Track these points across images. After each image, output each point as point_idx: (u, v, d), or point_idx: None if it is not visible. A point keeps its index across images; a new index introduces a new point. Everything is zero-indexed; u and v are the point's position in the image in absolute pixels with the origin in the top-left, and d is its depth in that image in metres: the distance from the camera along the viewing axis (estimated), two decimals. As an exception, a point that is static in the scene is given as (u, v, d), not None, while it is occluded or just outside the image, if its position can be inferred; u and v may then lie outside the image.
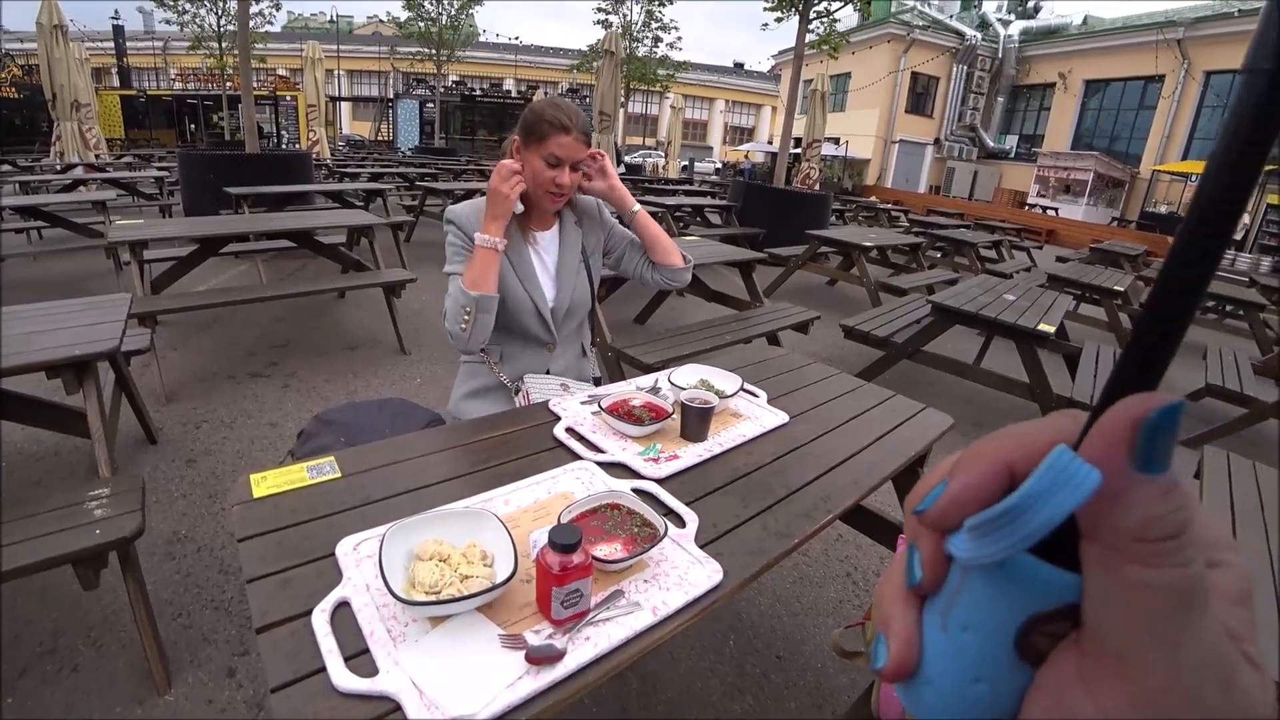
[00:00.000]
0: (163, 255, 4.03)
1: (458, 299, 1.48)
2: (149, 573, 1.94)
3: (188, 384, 3.29)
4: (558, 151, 1.51)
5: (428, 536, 0.92)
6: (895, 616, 0.22)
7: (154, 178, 8.01)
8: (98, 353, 1.95)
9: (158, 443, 2.71)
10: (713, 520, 1.10)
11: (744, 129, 43.23)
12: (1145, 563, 0.17)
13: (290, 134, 22.65)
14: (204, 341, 3.89)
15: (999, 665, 0.20)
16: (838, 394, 1.75)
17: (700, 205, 8.20)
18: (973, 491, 0.20)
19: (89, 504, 1.58)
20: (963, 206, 18.22)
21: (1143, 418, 0.17)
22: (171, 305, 3.28)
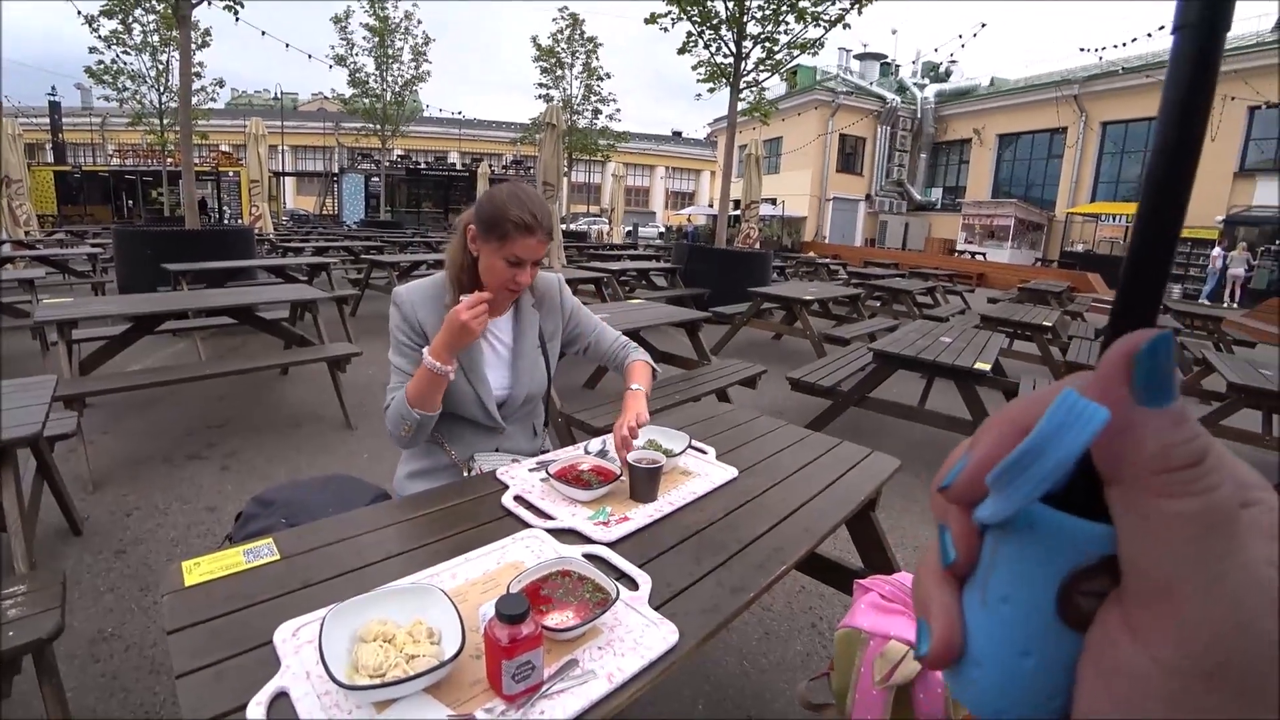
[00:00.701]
0: (94, 334, 3.87)
1: (400, 409, 1.42)
2: (70, 678, 1.79)
3: (118, 469, 3.12)
4: (521, 253, 1.44)
5: (371, 617, 0.89)
6: (934, 599, 0.21)
7: (87, 254, 7.76)
8: (17, 439, 1.85)
9: (83, 533, 2.54)
10: (666, 580, 1.09)
11: (684, 193, 44.77)
12: (1170, 494, 0.17)
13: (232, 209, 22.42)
14: (137, 423, 3.71)
15: (1045, 634, 0.19)
16: (786, 445, 1.79)
17: (645, 269, 8.40)
18: (992, 457, 0.20)
19: (2, 604, 1.47)
20: (897, 257, 19.14)
21: (1135, 351, 0.18)
22: (101, 386, 3.14)
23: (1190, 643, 0.16)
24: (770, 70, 9.90)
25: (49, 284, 6.73)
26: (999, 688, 0.20)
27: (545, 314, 1.68)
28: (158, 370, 3.87)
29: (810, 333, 5.87)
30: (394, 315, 1.53)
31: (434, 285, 1.56)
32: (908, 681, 1.00)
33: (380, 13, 20.36)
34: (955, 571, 0.21)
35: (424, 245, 11.31)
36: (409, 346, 1.52)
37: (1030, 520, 0.19)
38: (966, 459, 0.21)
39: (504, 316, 1.64)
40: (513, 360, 1.61)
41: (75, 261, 7.81)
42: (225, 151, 24.19)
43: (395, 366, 1.54)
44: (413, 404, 1.41)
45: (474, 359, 1.54)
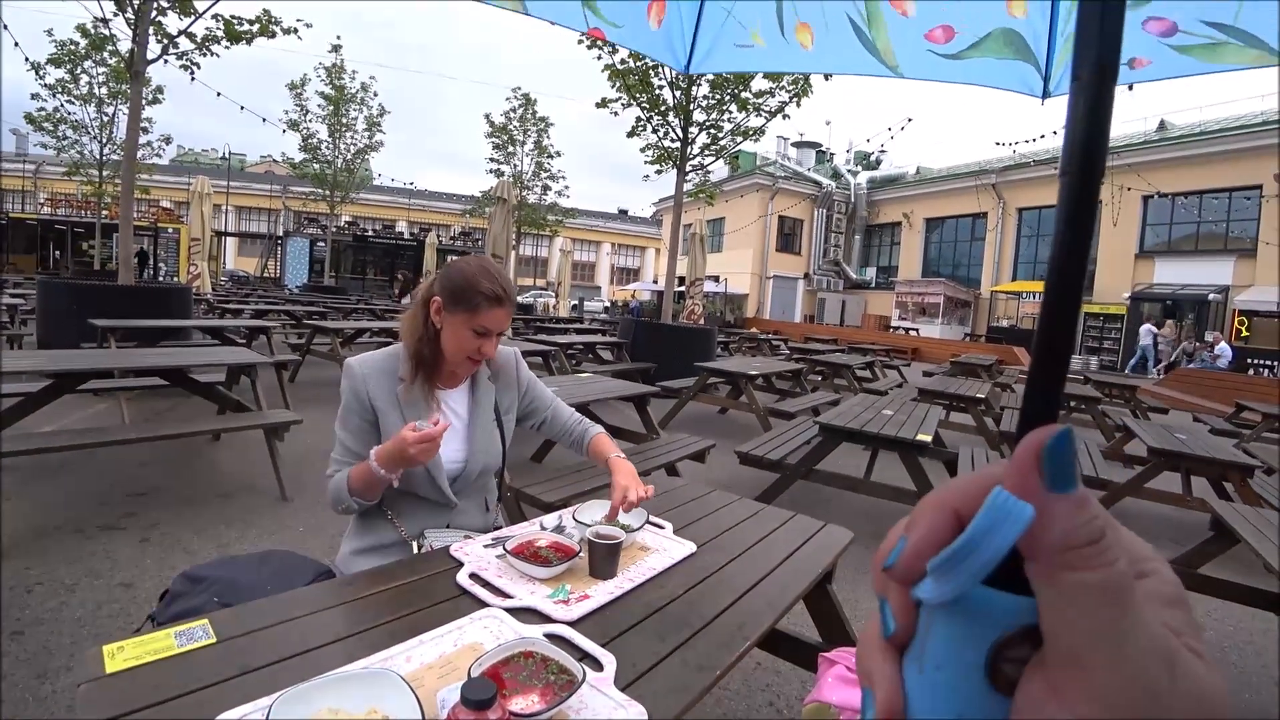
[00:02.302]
0: (8, 391, 3.60)
1: (340, 491, 1.44)
2: (-55, 785, 1.59)
3: (21, 539, 2.85)
4: (490, 324, 1.46)
5: (321, 705, 0.83)
6: (877, 667, 0.23)
7: (6, 305, 7.33)
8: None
9: (-26, 613, 2.30)
10: (631, 660, 1.06)
11: (630, 269, 45.96)
12: (1075, 567, 0.19)
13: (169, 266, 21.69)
14: (45, 489, 3.43)
15: (976, 699, 0.21)
16: (741, 519, 1.80)
17: (592, 343, 8.48)
18: (928, 540, 0.22)
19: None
20: (836, 333, 19.90)
21: (1042, 446, 0.20)
22: (13, 448, 2.90)
23: (1103, 698, 0.18)
24: (715, 154, 10.45)
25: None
26: None
27: (501, 387, 1.67)
28: (78, 432, 3.61)
29: (756, 407, 5.97)
30: (346, 386, 1.51)
31: (387, 358, 1.54)
32: None
33: (337, 82, 20.65)
34: (895, 642, 0.23)
35: (368, 313, 11.16)
36: (356, 420, 1.49)
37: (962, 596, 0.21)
38: (904, 541, 0.23)
39: (460, 389, 1.62)
40: (467, 433, 1.59)
41: (-10, 312, 7.37)
42: (166, 208, 23.62)
43: (339, 439, 1.50)
44: (353, 493, 1.42)
45: None
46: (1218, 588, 2.73)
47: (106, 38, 10.79)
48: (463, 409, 1.60)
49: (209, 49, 7.74)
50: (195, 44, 7.62)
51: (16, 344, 6.93)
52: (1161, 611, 0.20)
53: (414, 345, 1.50)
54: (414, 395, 1.49)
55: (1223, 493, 4.29)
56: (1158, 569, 0.21)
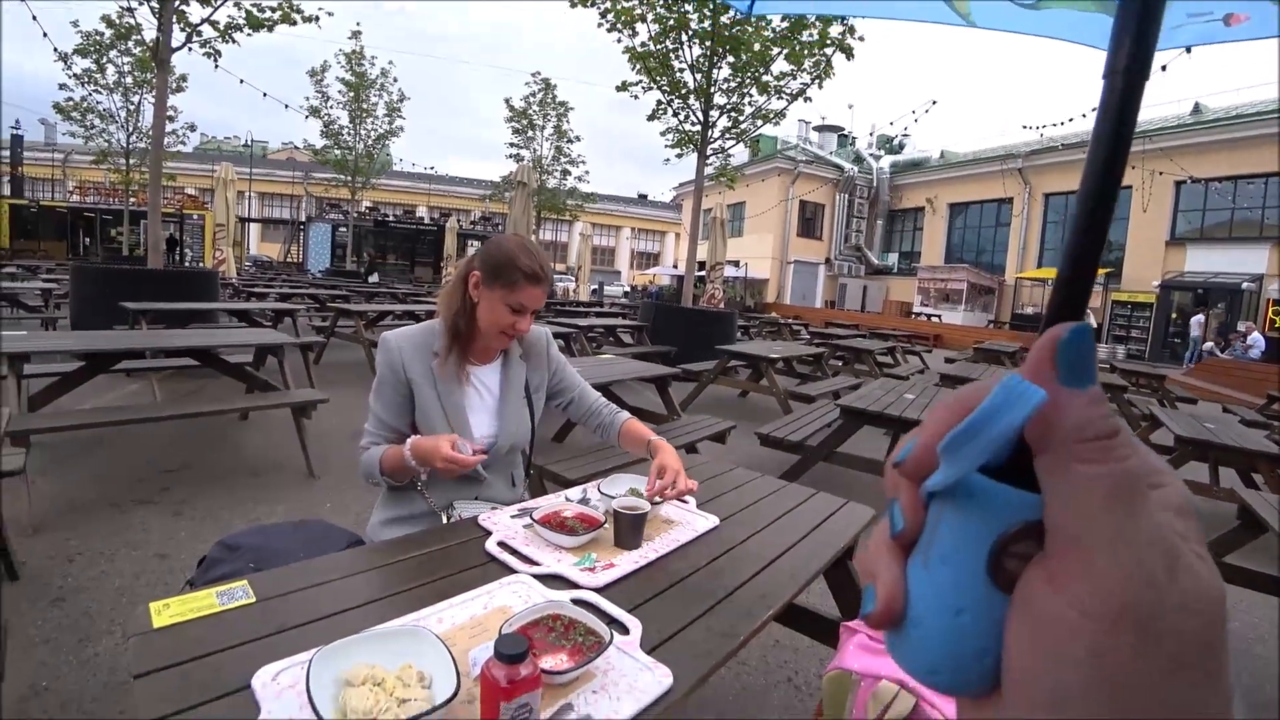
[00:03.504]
0: (44, 371, 3.72)
1: (372, 468, 1.48)
2: (-3, 740, 1.66)
3: (61, 512, 2.95)
4: (527, 302, 1.48)
5: (358, 660, 0.86)
6: (881, 564, 0.23)
7: (40, 289, 7.51)
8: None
9: (19, 579, 2.38)
10: (656, 626, 1.08)
11: (650, 254, 45.73)
12: (1088, 459, 0.19)
13: (195, 252, 22.03)
14: (83, 465, 3.54)
15: (977, 594, 0.21)
16: (763, 495, 1.81)
17: (613, 325, 8.48)
18: (940, 435, 0.22)
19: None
20: (857, 318, 19.75)
21: (1059, 339, 0.21)
22: (52, 424, 3.00)
23: (1099, 588, 0.18)
24: (735, 138, 10.36)
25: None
26: (935, 645, 0.22)
27: (532, 366, 1.69)
28: (112, 410, 3.70)
29: (777, 390, 5.96)
30: (381, 361, 1.53)
31: (423, 333, 1.56)
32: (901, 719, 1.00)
33: (357, 69, 20.74)
34: (901, 541, 0.23)
35: (389, 296, 11.27)
36: (390, 393, 1.51)
37: (970, 489, 0.21)
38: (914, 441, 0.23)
39: (492, 365, 1.64)
40: (498, 409, 1.61)
41: (27, 296, 7.56)
42: (191, 195, 23.97)
43: (373, 411, 1.52)
44: (385, 472, 1.46)
45: (457, 405, 1.53)
46: (1244, 577, 2.69)
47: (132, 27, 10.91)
48: (494, 385, 1.63)
49: (231, 36, 7.81)
50: (218, 32, 7.69)
51: (51, 326, 7.10)
52: (1169, 516, 0.20)
53: (450, 318, 1.53)
54: (448, 370, 1.52)
55: (1250, 483, 4.21)
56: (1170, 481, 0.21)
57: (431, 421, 1.50)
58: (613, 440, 1.77)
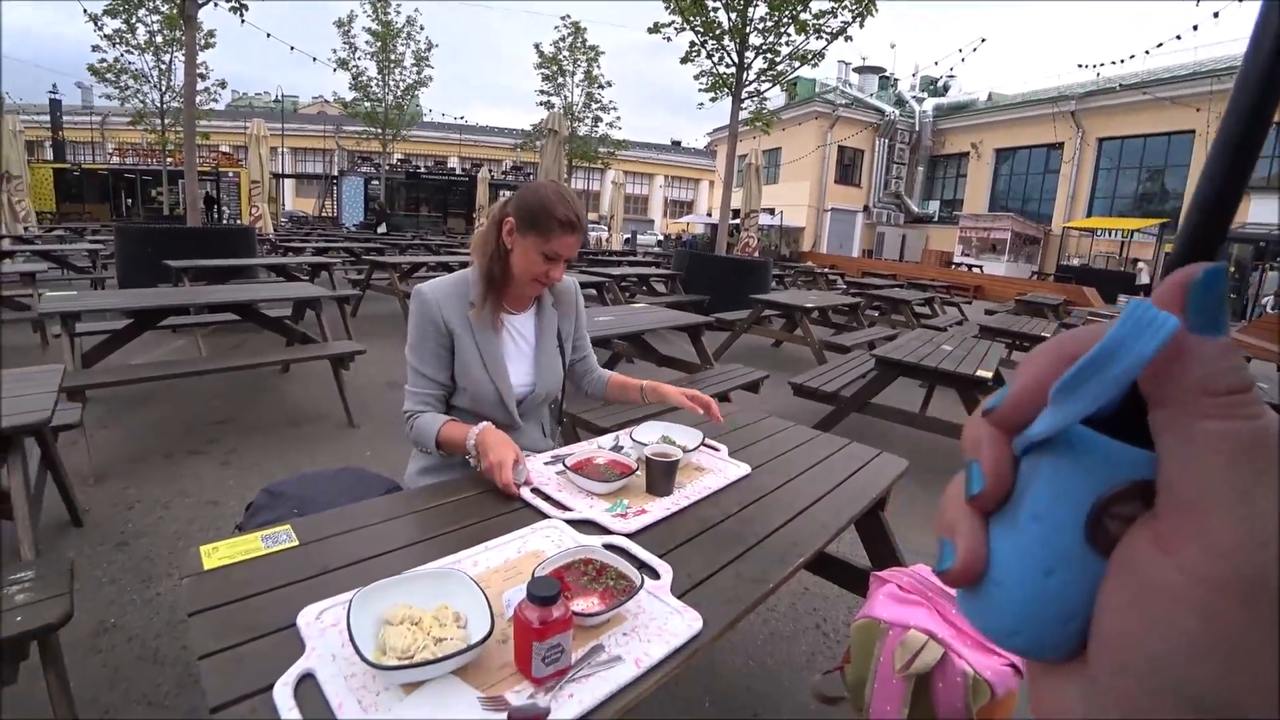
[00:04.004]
0: (95, 329, 3.86)
1: (425, 438, 1.44)
2: (71, 669, 1.75)
3: (119, 463, 3.10)
4: (561, 250, 1.45)
5: (396, 600, 0.88)
6: (961, 519, 0.22)
7: (87, 250, 7.74)
8: (25, 425, 1.84)
9: (84, 525, 2.53)
10: (686, 571, 1.09)
11: (683, 202, 44.92)
12: (1214, 415, 0.17)
13: (231, 210, 22.37)
14: (138, 418, 3.69)
15: (1071, 554, 0.19)
16: (796, 444, 1.79)
17: (646, 274, 8.41)
18: (1041, 381, 0.20)
19: (9, 588, 1.46)
20: (894, 268, 19.21)
21: (1191, 279, 0.18)
22: (104, 379, 3.12)
23: (1214, 551, 0.17)
24: (771, 81, 9.97)
25: (49, 279, 6.70)
26: (1017, 606, 0.20)
27: (563, 314, 1.69)
28: (160, 364, 3.84)
29: (811, 340, 5.88)
30: (417, 313, 1.50)
31: (457, 283, 1.55)
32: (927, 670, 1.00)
33: (383, 17, 20.44)
34: (979, 504, 0.21)
35: (424, 248, 11.34)
36: (431, 346, 1.50)
37: (1072, 441, 0.19)
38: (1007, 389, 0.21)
39: (527, 313, 1.64)
40: (535, 357, 1.62)
41: (75, 257, 7.79)
42: (225, 152, 24.18)
43: (413, 368, 1.51)
44: (441, 446, 1.43)
45: (495, 354, 1.53)
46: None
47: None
48: (530, 333, 1.63)
49: (257, -12, 7.73)
50: (244, -17, 7.62)
51: (100, 286, 7.34)
52: None
53: (485, 264, 1.52)
54: (485, 319, 1.51)
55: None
56: None
57: (471, 372, 1.50)
58: (601, 394, 1.80)
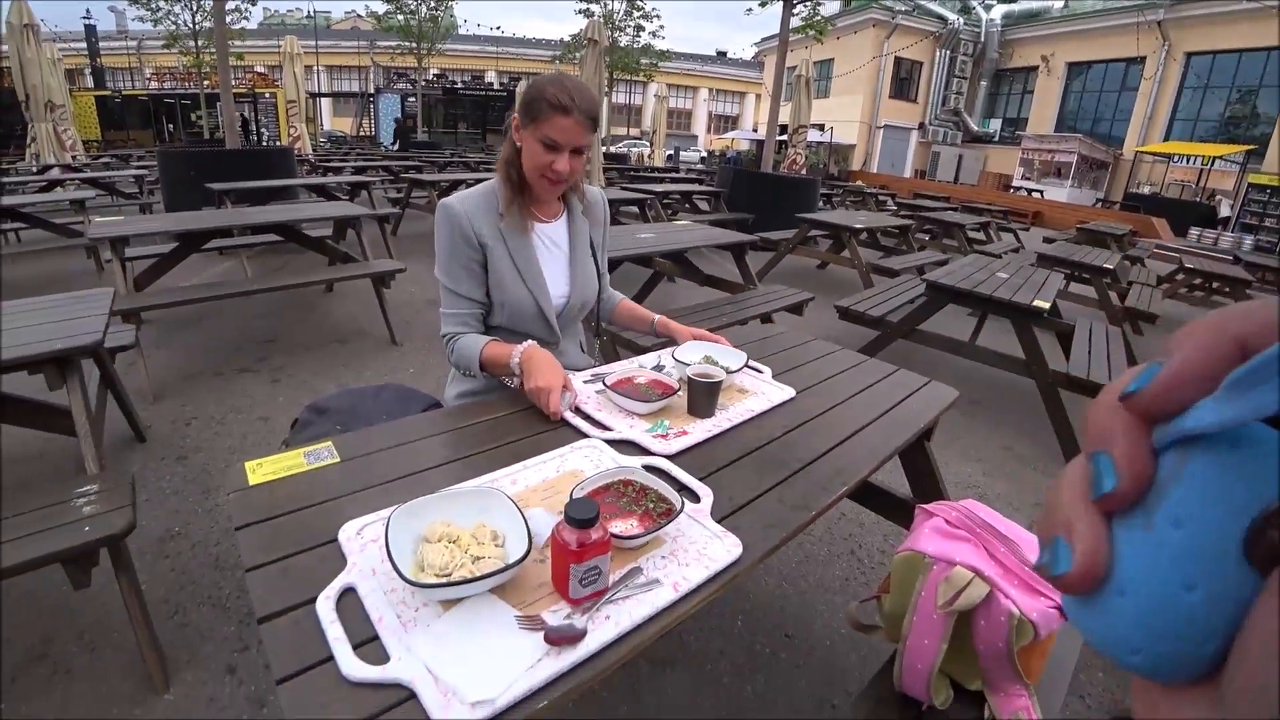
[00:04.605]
0: (145, 253, 3.94)
1: (468, 360, 1.41)
2: (142, 572, 1.88)
3: (175, 382, 3.22)
4: (554, 134, 1.36)
5: (435, 518, 0.88)
6: (1081, 517, 0.19)
7: (133, 176, 7.86)
8: (80, 346, 1.89)
9: (147, 441, 2.65)
10: (728, 495, 1.07)
11: (728, 117, 43.07)
12: None
13: (270, 131, 22.34)
14: (190, 339, 3.81)
15: (1221, 568, 0.16)
16: (842, 369, 1.73)
17: (689, 191, 8.14)
18: (1200, 365, 0.17)
19: (77, 501, 1.53)
20: (948, 190, 18.26)
21: None
22: (156, 301, 3.20)
23: None
24: (826, -17, 9.27)
25: (98, 205, 6.85)
26: (1143, 620, 0.18)
27: (593, 223, 1.63)
28: (208, 286, 3.92)
29: (859, 262, 5.67)
30: (446, 228, 1.43)
31: (484, 194, 1.48)
32: (970, 607, 0.97)
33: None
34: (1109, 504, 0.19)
35: (462, 165, 11.19)
36: (464, 261, 1.44)
37: (1240, 439, 0.17)
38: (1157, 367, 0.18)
39: (559, 221, 1.58)
40: (570, 264, 1.56)
41: (122, 184, 7.91)
42: (260, 73, 23.98)
43: (446, 288, 1.45)
44: (485, 368, 1.40)
45: (530, 262, 1.47)
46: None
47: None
48: (563, 240, 1.57)
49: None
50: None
51: (148, 210, 7.47)
52: None
53: (504, 169, 1.46)
54: (515, 226, 1.45)
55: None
56: None
57: (506, 284, 1.45)
58: (608, 318, 1.76)
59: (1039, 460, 3.04)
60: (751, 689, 1.69)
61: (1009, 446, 3.16)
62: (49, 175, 7.87)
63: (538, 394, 1.27)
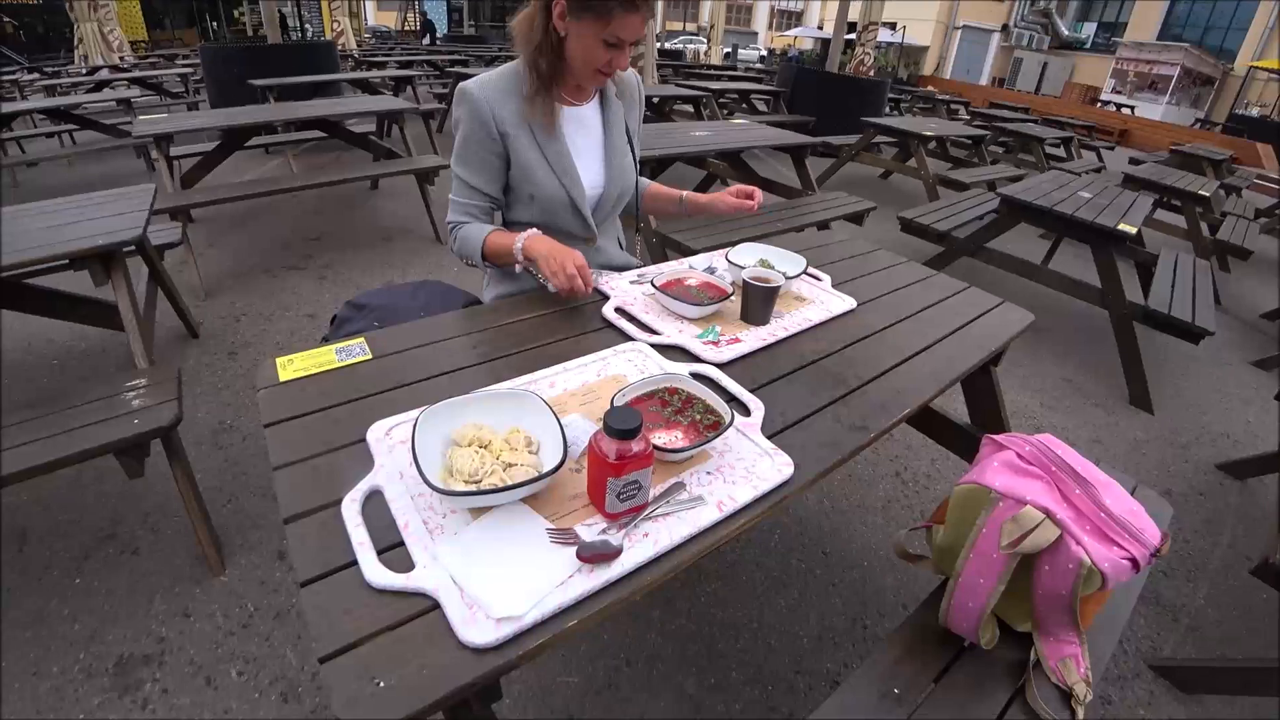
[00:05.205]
0: (190, 151, 3.92)
1: (471, 250, 1.32)
2: (198, 462, 1.95)
3: (225, 279, 3.25)
4: (623, 33, 1.19)
5: (466, 421, 0.82)
6: None
7: (179, 75, 7.78)
8: (122, 241, 1.88)
9: (199, 336, 2.70)
10: (780, 410, 0.99)
11: (791, 13, 39.95)
12: None
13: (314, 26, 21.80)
14: (239, 237, 3.83)
15: None
16: (908, 282, 1.60)
17: (747, 90, 7.63)
18: None
19: (126, 394, 1.56)
20: (1028, 100, 16.73)
21: None
22: (202, 199, 3.19)
23: None
24: None
25: (145, 104, 6.84)
26: None
27: (628, 107, 1.47)
28: (254, 183, 3.90)
29: (925, 173, 5.30)
30: (464, 114, 1.30)
31: (506, 77, 1.32)
32: (1036, 551, 0.89)
33: None
34: None
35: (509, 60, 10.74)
36: (481, 152, 1.32)
37: None
38: None
39: (590, 105, 1.41)
40: (604, 153, 1.41)
41: (169, 83, 7.85)
42: (304, -36, 23.12)
43: (459, 177, 1.34)
44: (487, 257, 1.32)
45: (560, 152, 1.33)
46: None
47: None
48: (595, 126, 1.42)
49: None
50: None
51: (194, 109, 7.43)
52: None
53: (531, 55, 1.27)
54: (540, 112, 1.30)
55: None
56: None
57: (535, 175, 1.32)
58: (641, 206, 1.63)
59: (1101, 396, 2.86)
60: (784, 602, 1.68)
61: (1070, 379, 2.98)
62: (97, 76, 7.84)
63: (554, 264, 1.17)
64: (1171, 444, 2.57)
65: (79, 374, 2.44)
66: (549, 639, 0.62)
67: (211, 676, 1.41)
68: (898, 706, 0.91)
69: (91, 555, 1.67)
